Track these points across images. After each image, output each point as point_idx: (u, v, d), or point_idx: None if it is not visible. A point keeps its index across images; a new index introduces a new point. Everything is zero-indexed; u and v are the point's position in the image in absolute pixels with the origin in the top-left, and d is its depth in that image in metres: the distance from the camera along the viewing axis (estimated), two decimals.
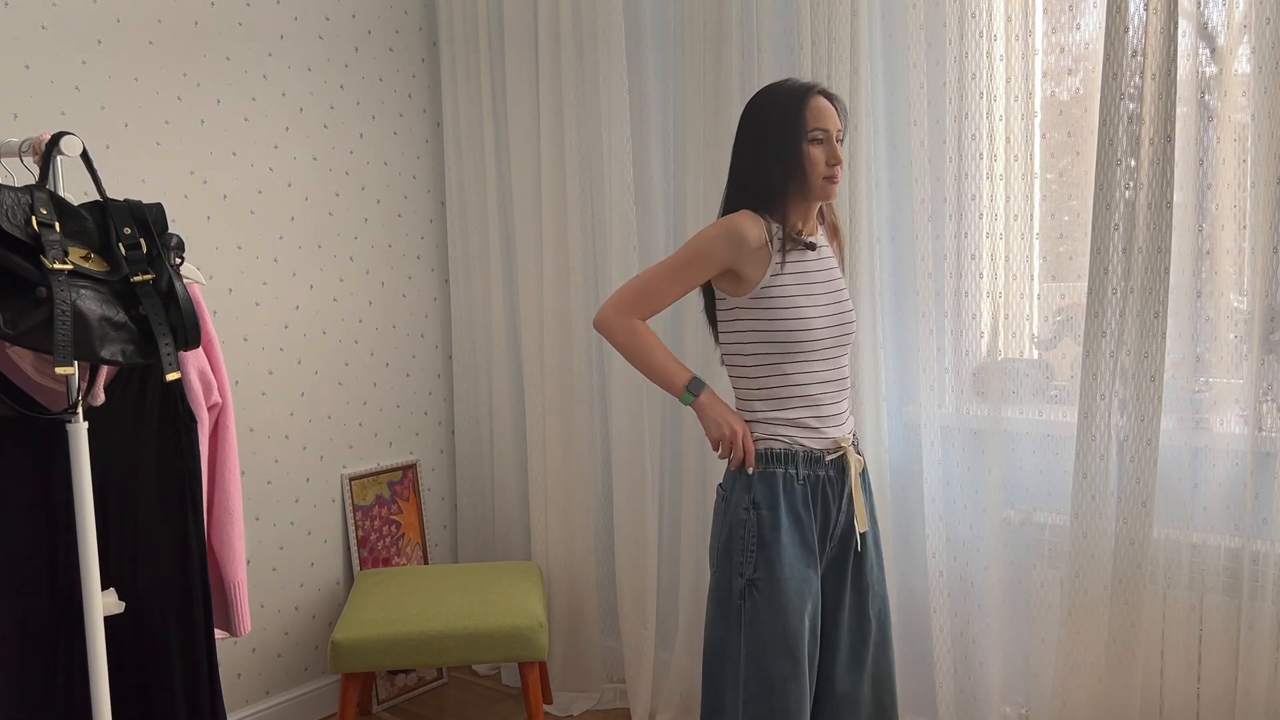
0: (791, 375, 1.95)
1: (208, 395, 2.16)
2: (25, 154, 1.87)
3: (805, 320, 1.93)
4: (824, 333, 1.95)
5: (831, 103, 1.94)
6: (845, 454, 1.98)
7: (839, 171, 1.93)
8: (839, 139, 1.93)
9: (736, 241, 1.90)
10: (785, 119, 1.90)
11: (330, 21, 3.13)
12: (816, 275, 1.97)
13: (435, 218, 3.47)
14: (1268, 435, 2.09)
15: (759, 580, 1.91)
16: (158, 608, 2.05)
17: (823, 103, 1.92)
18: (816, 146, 1.91)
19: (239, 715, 2.97)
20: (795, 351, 1.94)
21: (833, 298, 1.98)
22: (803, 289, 1.94)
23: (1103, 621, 2.26)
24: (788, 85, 1.95)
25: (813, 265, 1.97)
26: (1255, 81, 2.06)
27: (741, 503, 1.94)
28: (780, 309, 1.92)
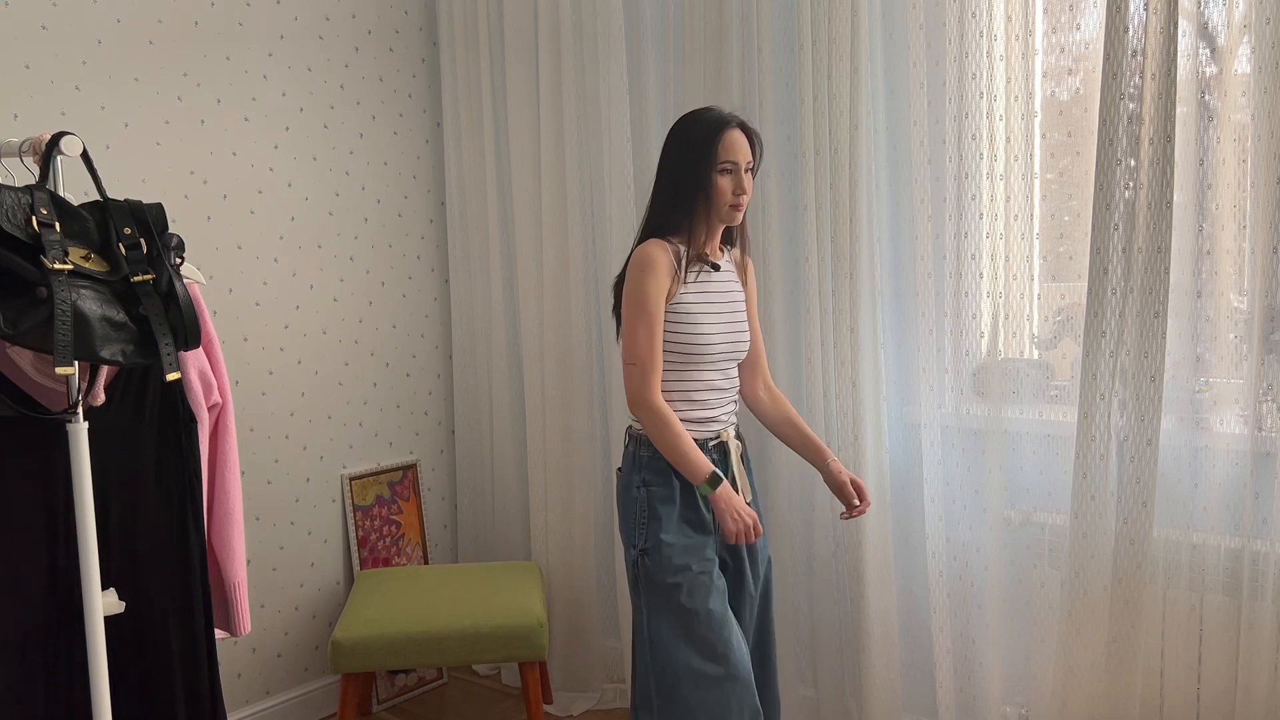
0: (687, 381, 2.16)
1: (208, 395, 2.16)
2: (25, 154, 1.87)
3: (704, 335, 2.14)
4: (719, 347, 2.16)
5: (748, 136, 2.13)
6: (725, 441, 2.19)
7: (744, 200, 2.13)
8: (749, 169, 2.13)
9: (662, 273, 2.10)
10: (700, 149, 2.09)
11: (330, 22, 3.13)
12: (717, 294, 2.18)
13: (435, 218, 3.47)
14: (1268, 435, 2.09)
15: (650, 549, 2.12)
16: (158, 608, 2.05)
17: (736, 135, 2.11)
18: (725, 176, 2.10)
19: (239, 715, 2.97)
20: (692, 361, 2.14)
21: (730, 316, 2.19)
22: (703, 306, 2.15)
23: (1103, 621, 2.26)
24: (708, 115, 2.13)
25: (714, 285, 2.18)
26: (1255, 81, 2.06)
27: (634, 482, 2.16)
28: (683, 323, 2.12)
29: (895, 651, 2.63)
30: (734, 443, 2.22)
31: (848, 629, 2.69)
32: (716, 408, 2.19)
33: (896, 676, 2.63)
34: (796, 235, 2.69)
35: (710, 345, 2.14)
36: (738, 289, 2.24)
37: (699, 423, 2.17)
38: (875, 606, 2.60)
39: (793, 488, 2.75)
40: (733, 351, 2.20)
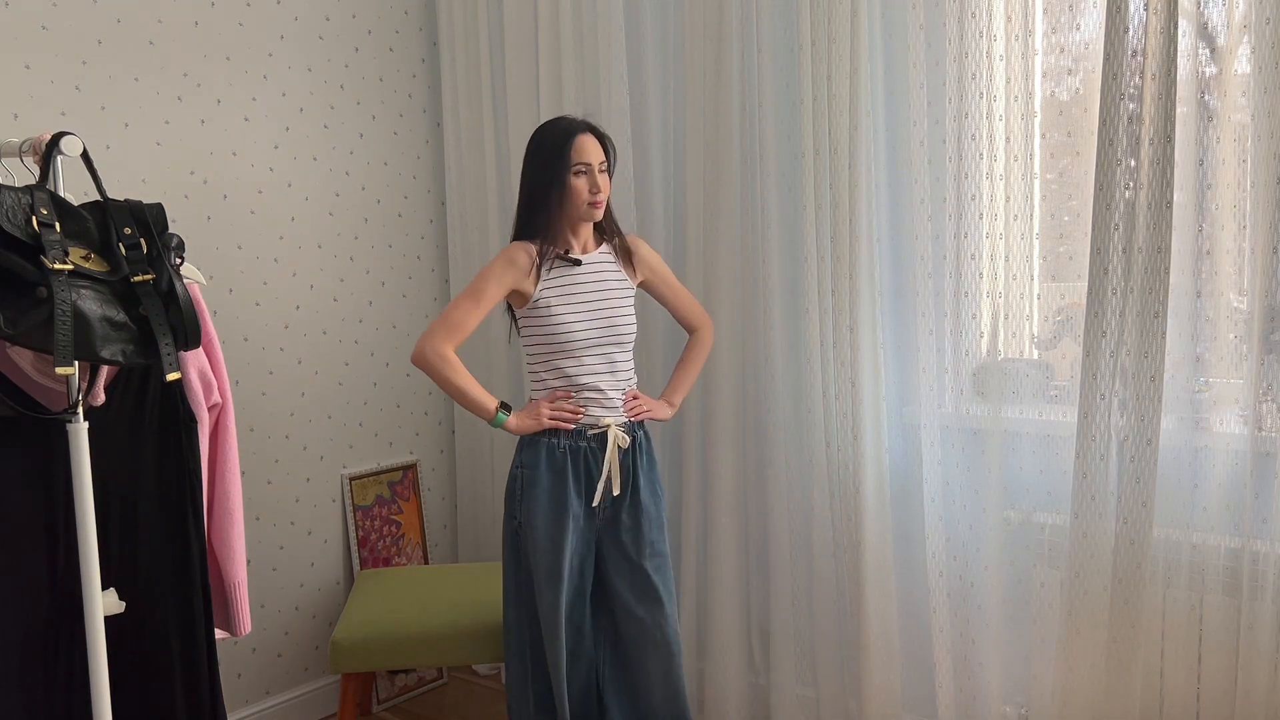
0: (563, 369, 2.36)
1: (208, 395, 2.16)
2: (25, 154, 1.87)
3: (567, 325, 2.33)
4: (585, 335, 2.34)
5: (599, 139, 2.33)
6: (606, 431, 2.37)
7: (601, 198, 2.32)
8: (603, 169, 2.32)
9: (513, 267, 2.32)
10: (553, 154, 2.30)
11: (330, 22, 3.13)
12: (582, 287, 2.36)
13: (435, 218, 3.47)
14: (1268, 435, 2.09)
15: (522, 523, 2.36)
16: (158, 607, 2.05)
17: (586, 139, 2.31)
18: (580, 177, 2.30)
19: (239, 715, 2.97)
20: (562, 350, 2.34)
21: (599, 306, 2.37)
22: (564, 298, 2.34)
23: (1103, 621, 2.26)
24: (559, 124, 2.35)
25: (578, 278, 2.36)
26: (1255, 81, 2.06)
27: (515, 462, 2.40)
28: (547, 316, 2.33)
29: (895, 651, 2.62)
30: (616, 434, 2.36)
31: (847, 629, 2.69)
32: (596, 393, 2.36)
33: (896, 676, 2.63)
34: (796, 235, 2.69)
35: (573, 334, 2.33)
36: (614, 278, 2.40)
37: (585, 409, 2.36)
38: (875, 606, 2.60)
39: (792, 488, 2.75)
40: (606, 339, 2.36)
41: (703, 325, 2.58)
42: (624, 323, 2.39)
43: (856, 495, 2.59)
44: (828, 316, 2.61)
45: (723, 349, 2.79)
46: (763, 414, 2.79)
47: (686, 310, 2.57)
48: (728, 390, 2.80)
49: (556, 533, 2.33)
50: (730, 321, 2.79)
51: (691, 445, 2.91)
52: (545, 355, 2.37)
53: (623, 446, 2.37)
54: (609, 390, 2.38)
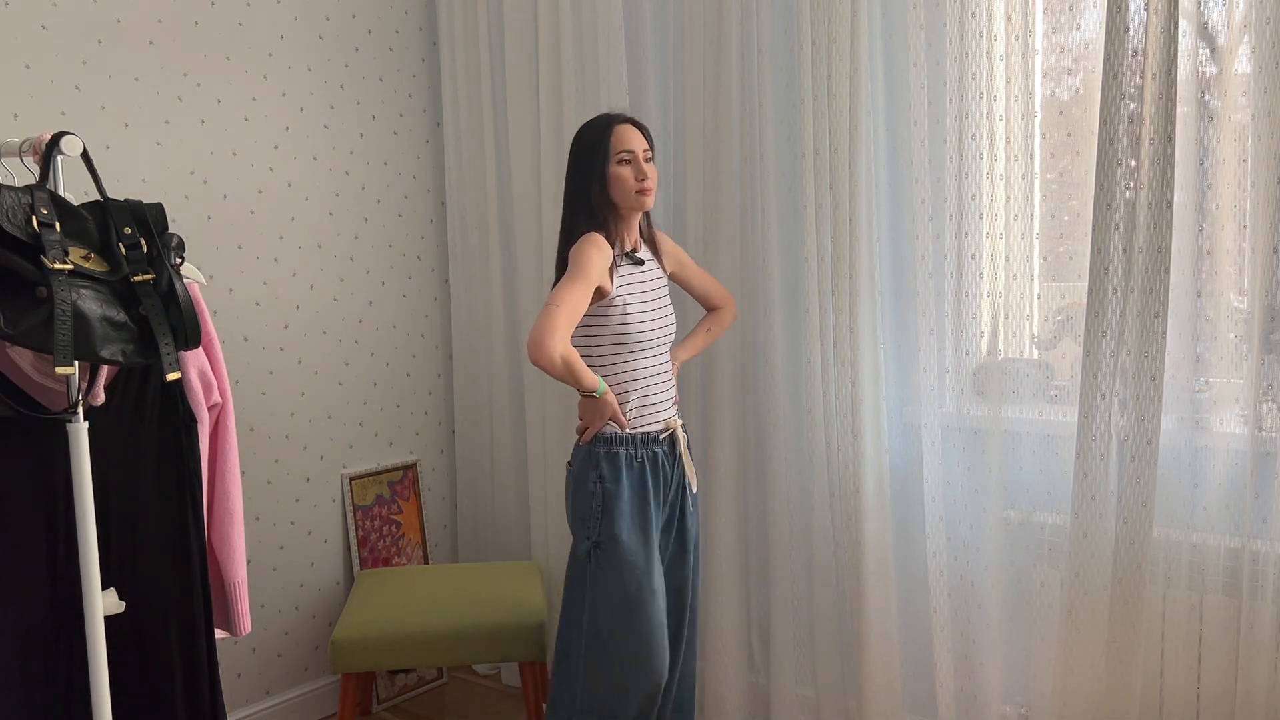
0: (630, 369, 2.31)
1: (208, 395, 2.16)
2: (25, 154, 1.87)
3: (641, 324, 2.30)
4: (654, 333, 2.33)
5: (638, 128, 2.31)
6: (674, 431, 2.38)
7: (649, 184, 2.27)
8: (648, 159, 2.29)
9: (603, 256, 2.24)
10: (594, 147, 2.28)
11: (330, 21, 3.13)
12: (646, 285, 2.35)
13: (435, 218, 3.47)
14: (1268, 435, 2.09)
15: (602, 542, 2.26)
16: (158, 608, 2.05)
17: (625, 129, 2.29)
18: (624, 166, 2.27)
19: (239, 715, 2.97)
20: (633, 350, 2.30)
21: (659, 304, 2.37)
22: (637, 298, 2.32)
23: (1103, 621, 2.26)
24: (597, 120, 2.33)
25: (642, 277, 2.35)
26: (1255, 81, 2.06)
27: (590, 478, 2.29)
28: (622, 315, 2.28)
29: (895, 651, 2.62)
30: (681, 433, 2.40)
31: (847, 629, 2.69)
32: (659, 392, 2.35)
33: (896, 676, 2.63)
34: (796, 235, 2.69)
35: (645, 333, 2.31)
36: (660, 275, 2.42)
37: (650, 409, 2.34)
38: (875, 606, 2.60)
39: (792, 488, 2.75)
40: (664, 337, 2.38)
41: (728, 303, 2.59)
42: (672, 321, 2.42)
43: (856, 495, 2.59)
44: (828, 316, 2.61)
45: (723, 349, 2.79)
46: (763, 414, 2.79)
47: (714, 292, 2.58)
48: (728, 390, 2.80)
49: (647, 551, 2.28)
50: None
51: (692, 445, 2.91)
52: (614, 354, 2.29)
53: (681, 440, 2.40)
54: (665, 391, 2.38)
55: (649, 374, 2.33)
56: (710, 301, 2.58)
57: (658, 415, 2.35)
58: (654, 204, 2.34)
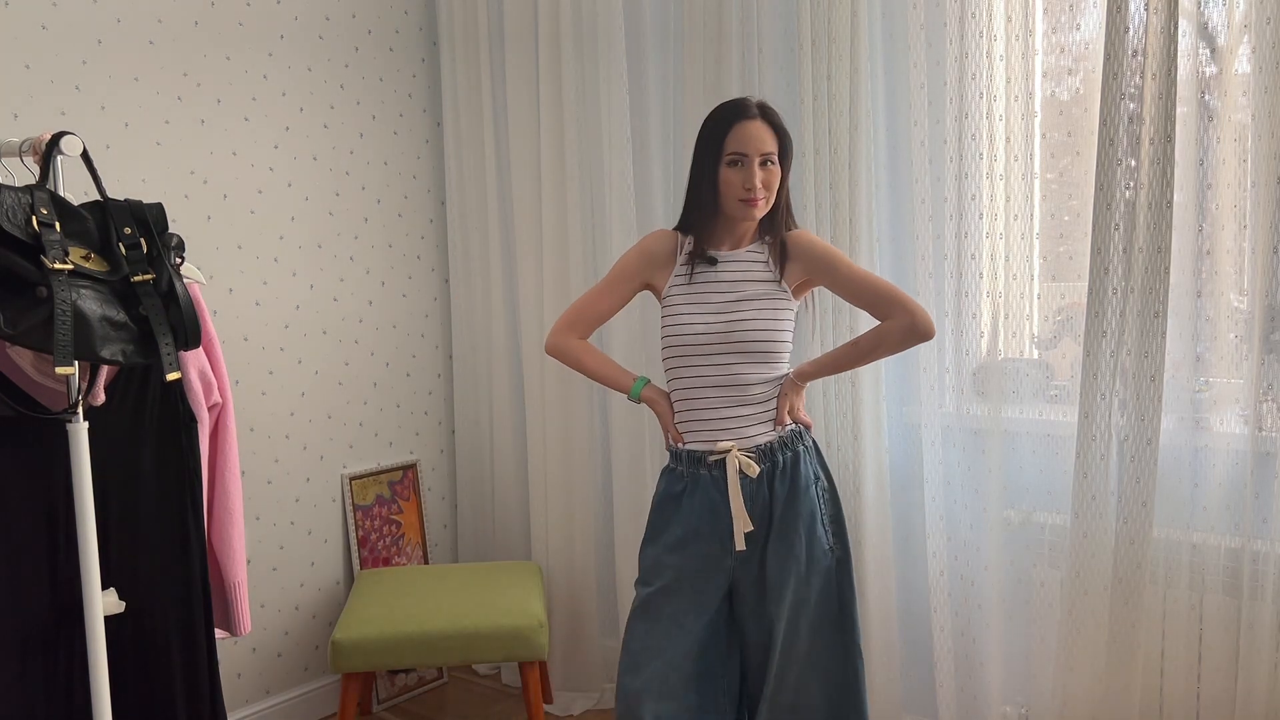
0: (679, 376, 2.12)
1: (208, 395, 2.16)
2: (25, 154, 1.87)
3: (686, 325, 2.08)
4: (702, 337, 2.07)
5: (771, 126, 2.05)
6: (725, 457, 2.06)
7: (757, 194, 2.03)
8: (766, 162, 2.04)
9: (646, 257, 2.15)
10: (709, 141, 2.06)
11: (330, 21, 3.13)
12: (712, 286, 2.10)
13: (435, 218, 3.47)
14: (1268, 435, 2.09)
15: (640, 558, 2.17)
16: (158, 607, 2.05)
17: (748, 126, 2.03)
18: (733, 169, 2.03)
19: (239, 715, 2.97)
20: (680, 356, 2.10)
21: (724, 308, 2.08)
22: (691, 298, 2.10)
23: (1103, 621, 2.26)
24: (724, 107, 2.08)
25: (710, 277, 2.11)
26: (1255, 81, 2.06)
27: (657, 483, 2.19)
28: (670, 315, 2.11)
29: (895, 651, 2.62)
30: (739, 459, 2.04)
31: None
32: (715, 409, 2.08)
33: (896, 676, 2.63)
34: None
35: (689, 335, 2.07)
36: (758, 280, 2.09)
37: (696, 426, 2.10)
38: (875, 606, 2.60)
39: None
40: (724, 344, 2.06)
41: (893, 314, 2.05)
42: (749, 330, 2.06)
43: (856, 495, 2.59)
44: (828, 317, 2.61)
45: None
46: None
47: (871, 299, 2.09)
48: None
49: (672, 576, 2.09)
50: None
51: None
52: (668, 359, 2.12)
53: (748, 474, 2.05)
54: (726, 407, 2.08)
55: (698, 384, 2.08)
56: (876, 312, 2.09)
57: (704, 434, 2.09)
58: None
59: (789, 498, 2.07)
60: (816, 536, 2.08)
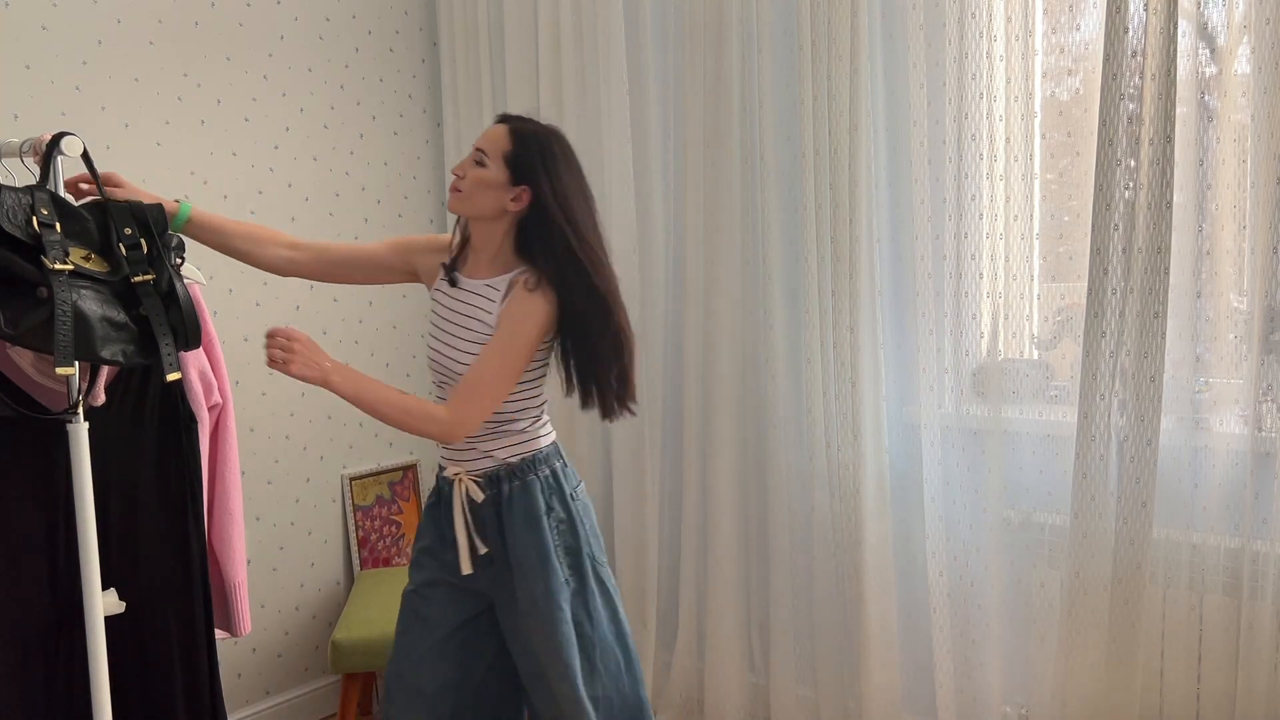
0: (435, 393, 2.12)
1: (208, 395, 2.16)
2: (26, 154, 1.87)
3: (428, 343, 2.08)
4: (434, 364, 2.05)
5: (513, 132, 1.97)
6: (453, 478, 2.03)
7: (455, 182, 1.97)
8: (477, 161, 1.96)
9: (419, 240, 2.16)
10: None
11: (330, 22, 3.13)
12: (447, 311, 2.03)
13: (435, 218, 3.47)
14: (1268, 435, 2.09)
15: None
16: (158, 608, 2.05)
17: (490, 128, 2.00)
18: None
19: (239, 715, 2.97)
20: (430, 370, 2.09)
21: (451, 340, 2.01)
22: (435, 315, 2.06)
23: (1103, 621, 2.26)
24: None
25: (448, 301, 2.04)
26: (1255, 81, 2.06)
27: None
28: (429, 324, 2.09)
29: (895, 651, 2.62)
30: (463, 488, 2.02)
31: (847, 629, 2.69)
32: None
33: (896, 676, 2.63)
34: (796, 235, 2.69)
35: (428, 353, 2.06)
36: (480, 316, 1.99)
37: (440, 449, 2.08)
38: (875, 606, 2.60)
39: (792, 488, 2.75)
40: (447, 376, 2.02)
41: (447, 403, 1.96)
42: (443, 367, 2.02)
43: (856, 495, 2.59)
44: (828, 317, 2.61)
45: (723, 349, 2.79)
46: (763, 414, 2.79)
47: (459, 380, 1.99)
48: (728, 390, 2.80)
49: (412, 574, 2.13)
50: (730, 321, 2.79)
51: (691, 445, 2.91)
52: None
53: (475, 499, 2.01)
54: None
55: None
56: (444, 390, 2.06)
57: (443, 453, 2.08)
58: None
59: (519, 528, 2.01)
60: (542, 569, 2.00)
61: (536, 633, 2.02)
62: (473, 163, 1.97)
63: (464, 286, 2.03)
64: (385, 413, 1.92)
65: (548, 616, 2.00)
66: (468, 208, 1.98)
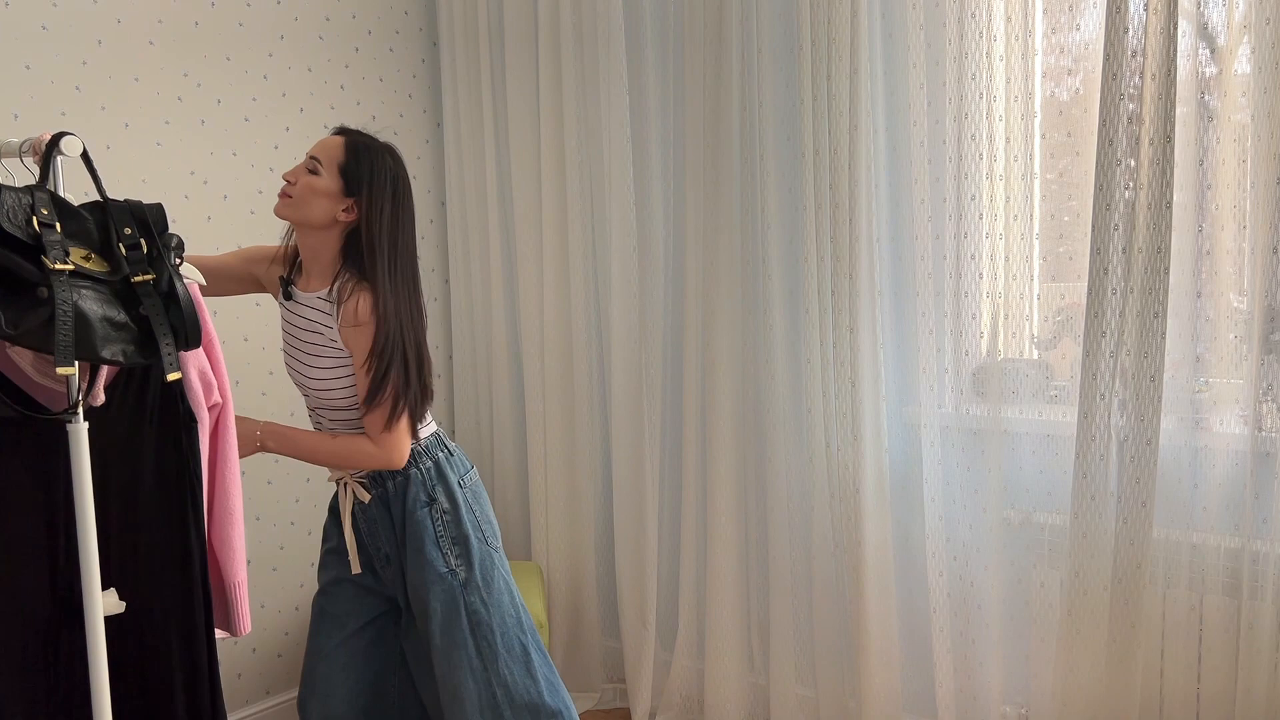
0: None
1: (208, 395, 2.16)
2: (25, 154, 1.86)
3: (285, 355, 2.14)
4: (291, 374, 2.13)
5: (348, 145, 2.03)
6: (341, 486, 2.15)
7: (286, 188, 2.02)
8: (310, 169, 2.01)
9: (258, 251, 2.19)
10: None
11: (330, 22, 3.13)
12: (291, 324, 2.10)
13: (435, 218, 3.47)
14: (1268, 435, 2.09)
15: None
16: (158, 608, 2.05)
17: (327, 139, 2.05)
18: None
19: (239, 715, 2.97)
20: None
21: (295, 354, 2.10)
22: (285, 325, 2.11)
23: (1103, 621, 2.26)
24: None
25: (289, 315, 2.10)
26: (1255, 81, 2.07)
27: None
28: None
29: (895, 651, 2.62)
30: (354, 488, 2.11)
31: (847, 629, 2.69)
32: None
33: (896, 676, 2.63)
34: (796, 235, 2.69)
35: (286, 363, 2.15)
36: (317, 329, 2.05)
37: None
38: (875, 606, 2.60)
39: (792, 488, 2.75)
40: (302, 390, 2.12)
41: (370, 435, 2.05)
42: (312, 383, 2.08)
43: (856, 495, 2.59)
44: (828, 316, 2.61)
45: (722, 349, 2.79)
46: (763, 414, 2.79)
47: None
48: (728, 390, 2.80)
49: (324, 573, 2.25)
50: (730, 321, 2.79)
51: (691, 445, 2.91)
52: None
53: (362, 500, 2.11)
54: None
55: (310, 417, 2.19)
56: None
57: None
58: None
59: (404, 522, 2.09)
60: (428, 559, 2.06)
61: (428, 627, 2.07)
62: (305, 170, 2.01)
63: (300, 300, 2.08)
64: (322, 459, 2.05)
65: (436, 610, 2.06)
66: (296, 213, 2.02)
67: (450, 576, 2.07)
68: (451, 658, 2.05)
